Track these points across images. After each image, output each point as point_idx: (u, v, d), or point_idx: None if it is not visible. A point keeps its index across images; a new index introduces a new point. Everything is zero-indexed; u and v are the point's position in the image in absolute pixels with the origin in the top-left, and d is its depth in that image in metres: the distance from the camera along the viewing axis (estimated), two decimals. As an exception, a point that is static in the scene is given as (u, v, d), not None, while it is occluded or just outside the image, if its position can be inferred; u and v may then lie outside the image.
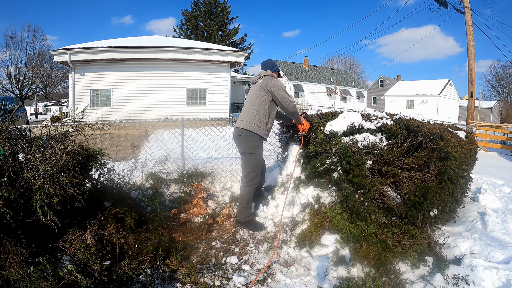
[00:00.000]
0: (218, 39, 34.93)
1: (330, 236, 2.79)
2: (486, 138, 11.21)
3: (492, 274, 2.21)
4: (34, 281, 1.92)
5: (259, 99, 3.15)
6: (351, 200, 2.87)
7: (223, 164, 4.39)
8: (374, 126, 3.32)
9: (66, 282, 1.97)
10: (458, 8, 12.56)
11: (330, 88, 35.85)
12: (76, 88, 13.62)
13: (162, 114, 12.80)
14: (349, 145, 2.99)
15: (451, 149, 2.90)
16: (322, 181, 3.18)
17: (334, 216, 2.84)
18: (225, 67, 15.26)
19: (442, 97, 29.52)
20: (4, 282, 1.94)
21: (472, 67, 12.31)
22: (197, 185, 3.85)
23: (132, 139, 7.91)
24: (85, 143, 2.68)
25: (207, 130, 5.24)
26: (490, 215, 2.99)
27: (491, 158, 8.89)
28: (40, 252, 2.22)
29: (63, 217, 2.39)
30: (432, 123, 3.66)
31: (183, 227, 3.20)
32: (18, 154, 2.39)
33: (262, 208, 3.45)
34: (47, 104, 36.05)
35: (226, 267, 2.66)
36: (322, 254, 2.72)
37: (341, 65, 55.14)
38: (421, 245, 2.52)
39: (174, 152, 4.61)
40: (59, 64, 21.64)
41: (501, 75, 44.59)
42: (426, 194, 2.81)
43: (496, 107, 39.51)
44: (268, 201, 3.48)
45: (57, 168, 2.31)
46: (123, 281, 2.31)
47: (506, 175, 5.97)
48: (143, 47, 13.69)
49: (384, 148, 2.98)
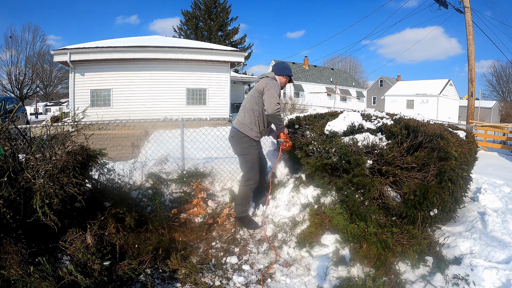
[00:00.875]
0: (218, 39, 34.93)
1: (330, 236, 2.79)
2: (486, 138, 11.21)
3: (492, 274, 2.20)
4: (34, 281, 1.92)
5: (252, 100, 3.15)
6: (351, 200, 2.87)
7: (223, 164, 4.39)
8: (374, 126, 3.32)
9: (66, 282, 1.97)
10: (458, 8, 12.57)
11: (330, 88, 35.85)
12: (76, 88, 13.63)
13: (162, 114, 12.81)
14: (349, 145, 2.99)
15: (451, 149, 2.89)
16: (322, 181, 3.18)
17: (334, 216, 2.84)
18: (225, 67, 15.26)
19: (442, 97, 29.52)
20: (4, 282, 1.94)
21: (472, 67, 12.31)
22: (197, 185, 3.85)
23: (132, 139, 7.91)
24: (85, 143, 2.68)
25: (207, 130, 5.23)
26: (490, 215, 2.98)
27: (491, 158, 8.89)
28: (40, 252, 2.21)
29: (63, 217, 2.40)
30: (432, 123, 3.66)
31: (183, 227, 3.20)
32: (18, 154, 2.39)
33: (262, 207, 3.45)
34: (47, 104, 36.06)
35: (226, 267, 2.66)
36: (322, 254, 2.72)
37: (341, 65, 55.20)
38: (421, 245, 2.52)
39: (174, 152, 4.61)
40: (59, 64, 21.65)
41: (501, 75, 44.65)
42: (426, 193, 2.81)
43: (496, 107, 39.52)
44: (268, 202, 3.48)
45: (57, 168, 2.31)
46: (123, 281, 2.31)
47: (506, 175, 5.97)
48: (143, 47, 13.69)
49: (384, 148, 2.98)
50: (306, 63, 38.01)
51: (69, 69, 13.82)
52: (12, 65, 34.42)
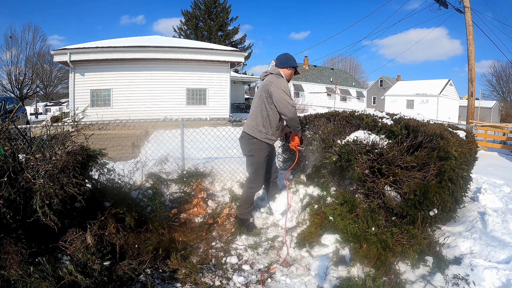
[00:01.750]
0: (218, 39, 34.93)
1: (330, 236, 2.79)
2: (486, 138, 11.20)
3: (492, 274, 2.20)
4: (34, 281, 1.92)
5: (260, 101, 2.99)
6: (351, 200, 2.87)
7: (223, 164, 4.39)
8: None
9: (66, 282, 1.97)
10: (458, 8, 12.56)
11: (330, 88, 35.85)
12: (76, 88, 13.62)
13: (162, 114, 12.80)
14: (349, 144, 2.99)
15: (451, 149, 2.90)
16: (323, 180, 3.18)
17: (334, 216, 2.84)
18: (225, 67, 15.26)
19: (442, 97, 29.52)
20: (4, 282, 1.94)
21: (472, 67, 12.31)
22: (197, 185, 3.85)
23: (132, 139, 7.91)
24: (85, 143, 2.68)
25: (207, 130, 5.24)
26: (490, 215, 2.98)
27: (491, 158, 8.88)
28: (40, 252, 2.21)
29: (63, 217, 2.39)
30: (432, 123, 3.66)
31: (183, 227, 3.20)
32: (18, 154, 2.39)
33: (264, 209, 3.45)
34: (47, 104, 36.03)
35: (226, 267, 2.66)
36: (322, 254, 2.72)
37: (341, 65, 55.17)
38: (421, 245, 2.52)
39: (174, 152, 4.61)
40: (59, 64, 21.64)
41: (501, 75, 44.62)
42: (426, 193, 2.81)
43: (496, 107, 39.51)
44: (269, 204, 3.48)
45: (57, 168, 2.31)
46: (123, 281, 2.31)
47: (506, 175, 5.97)
48: (143, 47, 13.69)
49: (385, 147, 2.98)
50: (306, 63, 38.01)
51: (69, 69, 13.81)
52: (12, 65, 34.44)
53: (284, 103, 2.86)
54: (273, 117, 2.99)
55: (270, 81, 2.94)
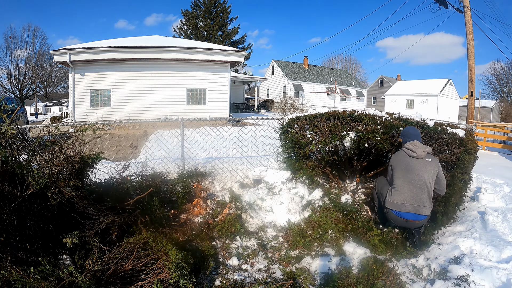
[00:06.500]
0: (218, 39, 34.92)
1: (330, 235, 2.79)
2: (486, 138, 11.20)
3: (492, 274, 2.20)
4: (34, 281, 1.92)
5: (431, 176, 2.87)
6: (350, 200, 2.87)
7: (223, 164, 4.39)
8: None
9: (66, 283, 1.97)
10: (458, 8, 12.56)
11: (330, 87, 35.83)
12: (76, 88, 13.61)
13: (162, 114, 12.78)
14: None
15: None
16: (322, 180, 3.18)
17: (333, 216, 2.84)
18: (225, 67, 15.24)
19: (442, 96, 29.50)
20: (4, 282, 1.94)
21: (472, 67, 12.30)
22: (197, 185, 3.85)
23: (132, 139, 7.91)
24: (85, 142, 2.68)
25: (207, 130, 5.24)
26: (491, 215, 2.98)
27: (491, 157, 8.88)
28: (40, 252, 2.21)
29: (63, 218, 2.39)
30: (432, 122, 3.65)
31: (183, 227, 3.20)
32: (18, 155, 2.39)
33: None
34: (47, 104, 36.07)
35: (226, 267, 2.66)
36: (322, 254, 2.72)
37: (341, 65, 55.17)
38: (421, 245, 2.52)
39: (174, 152, 4.61)
40: (59, 64, 21.64)
41: (501, 74, 44.61)
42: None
43: (496, 106, 39.50)
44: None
45: (55, 171, 2.30)
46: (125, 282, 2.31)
47: (506, 174, 5.97)
48: (143, 47, 13.67)
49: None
50: (306, 63, 37.99)
51: (69, 69, 13.79)
52: (12, 65, 34.42)
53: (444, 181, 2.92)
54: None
55: (437, 163, 2.92)
